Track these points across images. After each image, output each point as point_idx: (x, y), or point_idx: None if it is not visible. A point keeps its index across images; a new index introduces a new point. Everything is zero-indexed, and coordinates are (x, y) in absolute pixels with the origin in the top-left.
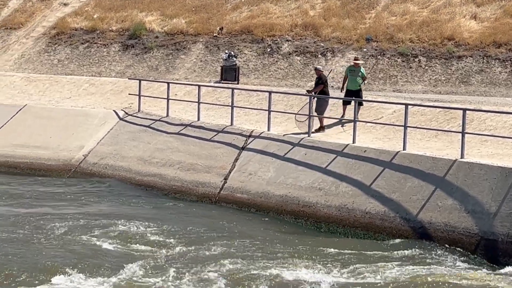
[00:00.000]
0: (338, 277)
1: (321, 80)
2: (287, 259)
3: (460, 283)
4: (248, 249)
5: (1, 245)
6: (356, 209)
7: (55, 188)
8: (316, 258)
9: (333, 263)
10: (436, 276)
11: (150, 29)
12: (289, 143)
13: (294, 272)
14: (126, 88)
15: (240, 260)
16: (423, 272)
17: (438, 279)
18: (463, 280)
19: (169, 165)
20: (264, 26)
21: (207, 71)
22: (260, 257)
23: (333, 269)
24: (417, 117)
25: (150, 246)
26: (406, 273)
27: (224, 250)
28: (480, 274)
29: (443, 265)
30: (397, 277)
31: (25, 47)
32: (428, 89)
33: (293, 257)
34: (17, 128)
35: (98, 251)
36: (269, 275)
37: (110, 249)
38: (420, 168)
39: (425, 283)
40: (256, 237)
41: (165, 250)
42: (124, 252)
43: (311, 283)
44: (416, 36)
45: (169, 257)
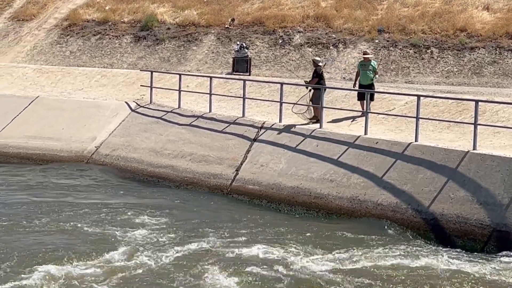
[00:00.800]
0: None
1: (316, 73)
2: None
3: (472, 274)
4: (257, 236)
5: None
6: (367, 201)
7: (67, 179)
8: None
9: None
10: (447, 267)
11: (162, 20)
12: (301, 135)
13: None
14: (138, 79)
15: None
16: (433, 262)
17: (449, 271)
18: (475, 272)
19: (181, 156)
20: (276, 17)
21: (218, 62)
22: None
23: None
24: (429, 109)
25: (156, 233)
26: (415, 263)
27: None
28: (492, 265)
29: (455, 256)
30: (407, 266)
31: (37, 38)
32: (441, 80)
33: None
34: (30, 120)
35: (102, 237)
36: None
37: (114, 235)
38: (432, 159)
39: (436, 275)
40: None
41: (174, 236)
42: (129, 240)
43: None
44: (429, 27)
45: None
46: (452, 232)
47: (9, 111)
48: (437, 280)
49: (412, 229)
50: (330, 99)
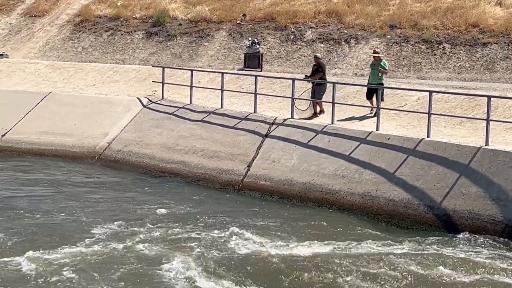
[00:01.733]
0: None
1: (320, 68)
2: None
3: (483, 270)
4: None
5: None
6: (379, 197)
7: (80, 174)
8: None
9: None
10: (460, 263)
11: (174, 16)
12: (313, 131)
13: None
14: (150, 75)
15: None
16: (446, 259)
17: (462, 266)
18: (486, 267)
19: (192, 152)
20: (288, 13)
21: (230, 58)
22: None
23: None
24: (441, 104)
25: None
26: (428, 259)
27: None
28: (505, 261)
29: (467, 252)
30: (420, 263)
31: (49, 34)
32: (453, 76)
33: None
34: (42, 115)
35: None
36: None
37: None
38: (444, 155)
39: (448, 271)
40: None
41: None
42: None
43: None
44: (441, 23)
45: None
46: (464, 228)
47: (21, 107)
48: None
49: (424, 225)
50: (342, 95)
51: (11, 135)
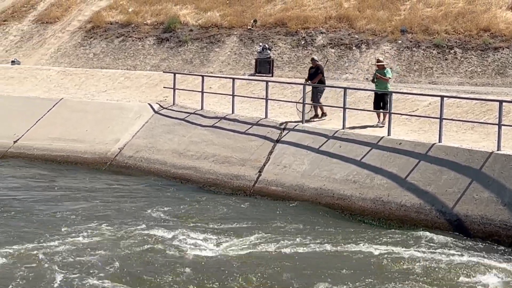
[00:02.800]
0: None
1: (320, 70)
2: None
3: (496, 274)
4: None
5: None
6: (391, 202)
7: (92, 180)
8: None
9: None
10: (471, 268)
11: (185, 22)
12: (324, 136)
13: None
14: (161, 81)
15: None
16: (458, 264)
17: (473, 271)
18: (500, 272)
19: (203, 158)
20: (298, 18)
21: (241, 64)
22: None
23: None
24: (453, 109)
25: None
26: (441, 265)
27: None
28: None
29: (479, 257)
30: (432, 267)
31: (61, 41)
32: (464, 81)
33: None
34: (54, 122)
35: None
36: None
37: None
38: (456, 160)
39: (460, 275)
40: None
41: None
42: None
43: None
44: (452, 28)
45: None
46: (476, 233)
47: (33, 113)
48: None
49: (436, 230)
50: (353, 100)
51: (23, 141)
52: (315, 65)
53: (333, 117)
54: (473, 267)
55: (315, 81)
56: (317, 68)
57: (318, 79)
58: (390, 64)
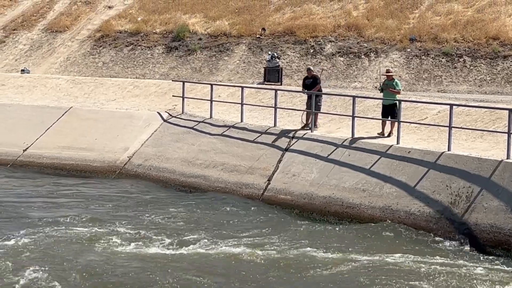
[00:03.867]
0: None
1: (318, 80)
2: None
3: (507, 284)
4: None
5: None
6: (400, 210)
7: (102, 189)
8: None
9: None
10: (480, 277)
11: (194, 31)
12: (333, 144)
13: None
14: (170, 90)
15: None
16: (467, 273)
17: (483, 281)
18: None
19: (212, 166)
20: (307, 27)
21: (250, 72)
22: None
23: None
24: (462, 118)
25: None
26: (449, 274)
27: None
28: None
29: (488, 266)
30: (441, 276)
31: (70, 50)
32: (473, 89)
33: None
34: (63, 130)
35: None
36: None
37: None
38: (466, 169)
39: (468, 285)
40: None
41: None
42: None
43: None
44: (461, 36)
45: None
46: (486, 242)
47: (43, 122)
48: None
49: (445, 239)
50: (362, 108)
51: (33, 149)
52: (312, 75)
53: (342, 125)
54: (482, 277)
55: (314, 91)
56: (315, 78)
57: (317, 89)
58: (399, 72)
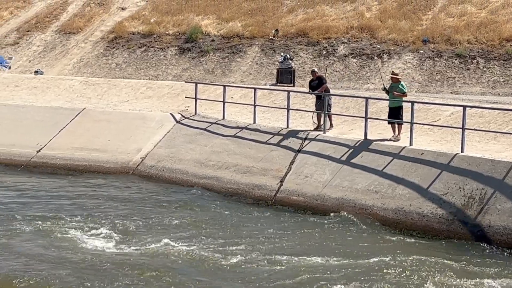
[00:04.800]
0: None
1: (324, 80)
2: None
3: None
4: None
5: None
6: (413, 212)
7: (115, 190)
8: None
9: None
10: (494, 279)
11: (206, 32)
12: (345, 146)
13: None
14: (183, 91)
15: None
16: (480, 275)
17: (497, 283)
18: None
19: (225, 167)
20: (320, 28)
21: (262, 74)
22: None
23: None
24: (475, 119)
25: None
26: (463, 276)
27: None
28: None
29: (502, 268)
30: (454, 278)
31: (83, 51)
32: (487, 90)
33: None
34: (76, 131)
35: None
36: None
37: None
38: (479, 170)
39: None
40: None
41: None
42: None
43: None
44: (474, 37)
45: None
46: (499, 244)
47: (56, 123)
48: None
49: (458, 241)
50: (375, 110)
51: (46, 150)
52: (317, 76)
53: (355, 127)
54: (495, 279)
55: (321, 90)
56: (320, 79)
57: (324, 89)
58: (412, 74)
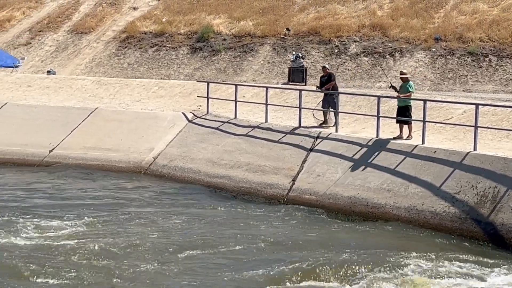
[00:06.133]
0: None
1: (332, 77)
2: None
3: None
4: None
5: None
6: (425, 211)
7: (128, 190)
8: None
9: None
10: (509, 277)
11: (218, 31)
12: (357, 144)
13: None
14: (195, 90)
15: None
16: (493, 274)
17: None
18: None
19: (237, 166)
20: (331, 27)
21: (274, 72)
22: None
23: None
24: (487, 117)
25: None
26: (476, 274)
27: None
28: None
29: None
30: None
31: (95, 51)
32: (499, 88)
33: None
34: (89, 131)
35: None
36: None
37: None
38: (492, 169)
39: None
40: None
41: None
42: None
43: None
44: (486, 35)
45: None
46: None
47: (68, 123)
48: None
49: (471, 239)
50: (387, 108)
51: (59, 150)
52: (327, 73)
53: (367, 125)
54: (509, 277)
55: (328, 87)
56: (329, 76)
57: (331, 86)
58: (424, 72)
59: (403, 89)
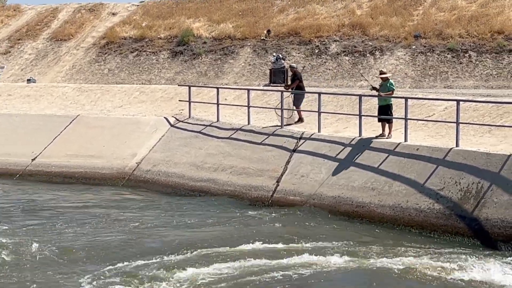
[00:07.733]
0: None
1: (296, 76)
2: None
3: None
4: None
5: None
6: (410, 208)
7: (112, 196)
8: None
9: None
10: (493, 272)
11: (198, 35)
12: (340, 144)
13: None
14: (176, 94)
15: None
16: (479, 268)
17: (496, 275)
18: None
19: (221, 169)
20: (311, 27)
21: (255, 74)
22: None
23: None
24: (469, 113)
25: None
26: (462, 269)
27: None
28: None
29: (500, 260)
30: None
31: (76, 58)
32: (480, 84)
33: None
34: (71, 138)
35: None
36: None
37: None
38: (474, 164)
39: (481, 279)
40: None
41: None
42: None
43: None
44: (465, 31)
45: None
46: (497, 237)
47: (50, 131)
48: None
49: (456, 235)
50: (369, 107)
51: (41, 159)
52: (293, 72)
53: (349, 125)
54: (494, 272)
55: (292, 86)
56: (294, 75)
57: (295, 85)
58: (405, 70)
59: (384, 88)
